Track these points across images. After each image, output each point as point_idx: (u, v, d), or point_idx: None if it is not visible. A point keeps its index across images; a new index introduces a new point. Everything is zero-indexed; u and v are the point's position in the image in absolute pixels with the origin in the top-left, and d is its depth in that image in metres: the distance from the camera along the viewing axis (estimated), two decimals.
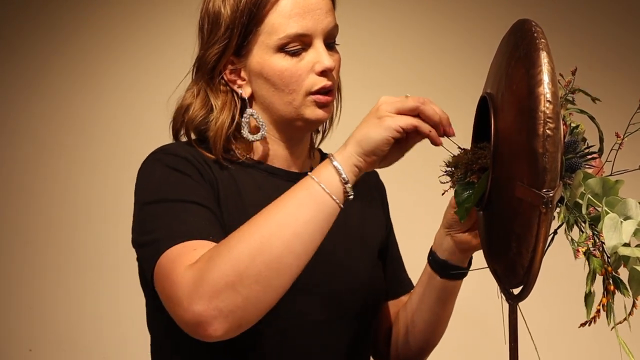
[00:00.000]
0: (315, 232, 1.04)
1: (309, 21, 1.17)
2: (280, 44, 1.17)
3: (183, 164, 1.15)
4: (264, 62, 1.18)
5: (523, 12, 1.85)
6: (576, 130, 1.02)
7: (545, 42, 0.93)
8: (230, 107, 1.22)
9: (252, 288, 0.99)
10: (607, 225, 0.92)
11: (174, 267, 1.03)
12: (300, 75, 1.18)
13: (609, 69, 2.42)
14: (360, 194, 1.37)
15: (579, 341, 2.32)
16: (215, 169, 1.19)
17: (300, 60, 1.18)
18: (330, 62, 1.18)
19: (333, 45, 1.23)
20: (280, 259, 1.00)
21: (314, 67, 1.18)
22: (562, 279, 1.89)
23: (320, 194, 1.04)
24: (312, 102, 1.19)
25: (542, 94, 0.90)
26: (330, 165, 1.05)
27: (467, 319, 2.24)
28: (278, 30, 1.16)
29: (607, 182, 0.95)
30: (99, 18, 2.39)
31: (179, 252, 1.04)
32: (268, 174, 1.24)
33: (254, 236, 1.00)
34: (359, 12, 2.38)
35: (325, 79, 1.19)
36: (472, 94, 1.31)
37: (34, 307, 2.31)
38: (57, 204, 2.35)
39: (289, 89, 1.18)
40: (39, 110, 2.37)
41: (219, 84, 1.22)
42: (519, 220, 0.95)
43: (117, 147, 2.35)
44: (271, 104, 1.21)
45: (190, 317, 0.99)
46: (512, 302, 1.04)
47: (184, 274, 1.00)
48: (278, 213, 1.03)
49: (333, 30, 1.21)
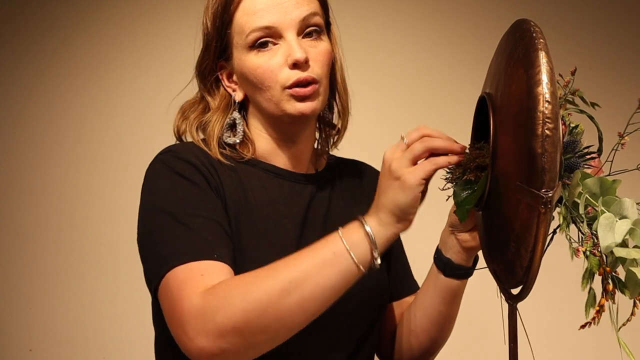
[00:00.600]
0: (333, 296, 1.04)
1: (273, 15, 1.15)
2: (249, 41, 1.16)
3: (191, 171, 1.15)
4: (242, 63, 1.19)
5: (522, 12, 1.85)
6: (575, 130, 1.02)
7: (544, 42, 0.93)
8: (224, 109, 1.24)
9: (257, 337, 1.01)
10: (602, 224, 0.92)
11: (181, 293, 1.03)
12: (272, 71, 1.16)
13: (609, 69, 2.42)
14: (367, 196, 1.37)
15: (579, 341, 2.32)
16: (221, 170, 1.19)
17: (273, 55, 1.16)
18: (301, 53, 1.15)
19: (314, 34, 1.19)
20: (292, 316, 1.01)
21: (287, 61, 1.16)
22: (561, 279, 1.89)
23: (345, 260, 1.03)
24: (289, 95, 1.17)
25: (540, 94, 0.90)
26: (362, 230, 1.05)
27: (467, 319, 2.23)
28: (244, 28, 1.16)
29: (605, 182, 0.95)
30: (98, 18, 2.39)
31: (187, 275, 1.04)
32: (273, 174, 1.24)
33: (272, 288, 1.00)
34: (359, 12, 2.38)
35: (299, 71, 1.16)
36: (471, 94, 1.31)
37: (34, 307, 2.31)
38: (57, 204, 2.35)
39: (264, 86, 1.17)
40: (38, 110, 2.37)
41: (217, 89, 1.24)
42: (518, 220, 0.95)
43: (116, 147, 2.35)
44: (258, 103, 1.21)
45: (192, 348, 1.01)
46: (512, 302, 1.04)
47: (193, 303, 1.01)
48: (299, 270, 1.02)
49: (308, 19, 1.17)
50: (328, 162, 1.35)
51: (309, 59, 1.17)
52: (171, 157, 1.18)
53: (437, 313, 1.31)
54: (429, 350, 1.36)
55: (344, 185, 1.34)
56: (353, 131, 2.40)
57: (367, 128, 2.36)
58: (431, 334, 1.33)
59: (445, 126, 2.56)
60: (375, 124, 2.37)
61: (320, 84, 1.19)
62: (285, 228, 1.21)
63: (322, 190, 1.29)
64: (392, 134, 2.38)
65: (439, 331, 1.33)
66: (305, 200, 1.25)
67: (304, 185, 1.27)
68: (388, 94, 2.40)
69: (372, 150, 2.35)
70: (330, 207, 1.28)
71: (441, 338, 1.35)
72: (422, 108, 2.41)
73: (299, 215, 1.23)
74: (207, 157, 1.19)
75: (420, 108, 2.41)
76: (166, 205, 1.12)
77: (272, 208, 1.21)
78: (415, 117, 2.40)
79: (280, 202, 1.23)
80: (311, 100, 1.18)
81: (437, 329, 1.33)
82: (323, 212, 1.27)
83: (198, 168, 1.16)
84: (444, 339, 1.36)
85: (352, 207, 1.32)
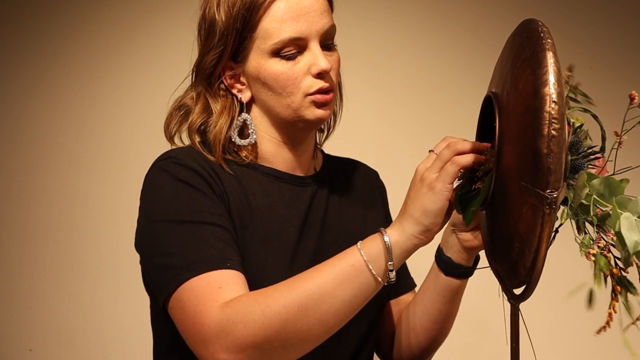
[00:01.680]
0: (353, 310, 1.05)
1: (302, 24, 1.16)
2: (275, 49, 1.16)
3: (193, 177, 1.14)
4: (261, 67, 1.18)
5: (522, 12, 1.85)
6: (579, 130, 1.02)
7: (552, 43, 0.93)
8: (229, 111, 1.23)
9: (277, 350, 1.02)
10: (624, 225, 0.92)
11: (200, 307, 1.03)
12: (296, 78, 1.17)
13: (609, 69, 2.42)
14: (362, 195, 1.37)
15: (581, 341, 2.32)
16: (223, 175, 1.19)
17: (296, 63, 1.17)
18: (326, 64, 1.17)
19: (331, 45, 1.22)
20: (311, 330, 1.02)
21: (310, 69, 1.17)
22: (563, 279, 1.89)
23: (364, 274, 1.04)
24: (311, 102, 1.18)
25: (547, 95, 0.90)
26: (382, 243, 1.05)
27: (469, 318, 2.23)
28: (272, 35, 1.16)
29: (612, 182, 0.95)
30: (98, 18, 2.38)
31: (204, 289, 1.04)
32: (274, 178, 1.24)
33: (290, 303, 1.01)
34: (361, 13, 2.38)
35: (322, 80, 1.18)
36: (472, 94, 1.31)
37: (34, 307, 2.30)
38: (57, 204, 2.35)
39: (286, 92, 1.18)
40: (38, 110, 2.36)
41: (218, 89, 1.23)
42: (522, 220, 0.95)
43: (116, 147, 2.35)
44: (271, 107, 1.21)
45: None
46: (514, 302, 1.04)
47: (213, 317, 1.01)
48: (319, 284, 1.03)
49: (329, 31, 1.20)
50: (324, 162, 1.36)
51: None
52: (171, 163, 1.16)
53: (436, 312, 1.31)
54: (428, 348, 1.36)
55: (340, 185, 1.35)
56: (353, 131, 2.40)
57: (367, 128, 2.36)
58: (430, 333, 1.33)
59: (445, 126, 2.57)
60: (375, 124, 2.37)
61: (335, 93, 1.23)
62: (287, 232, 1.21)
63: (321, 191, 1.29)
64: (392, 134, 2.40)
65: (438, 330, 1.33)
66: (305, 203, 1.25)
67: (304, 188, 1.27)
68: (388, 94, 2.40)
69: (372, 150, 2.35)
70: (328, 208, 1.28)
71: (440, 336, 1.36)
72: (422, 108, 2.41)
73: (300, 219, 1.23)
74: (207, 162, 1.18)
75: (421, 108, 2.41)
76: (171, 214, 1.11)
77: (273, 212, 1.21)
78: (415, 117, 2.40)
79: (281, 206, 1.22)
80: (328, 107, 1.21)
81: (437, 327, 1.33)
82: (322, 213, 1.27)
83: (200, 174, 1.15)
84: (443, 337, 1.37)
85: (348, 207, 1.32)
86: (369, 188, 1.40)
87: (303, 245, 1.21)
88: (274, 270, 1.16)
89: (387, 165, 2.56)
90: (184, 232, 1.09)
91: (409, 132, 2.37)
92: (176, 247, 1.08)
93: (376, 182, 1.45)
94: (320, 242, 1.23)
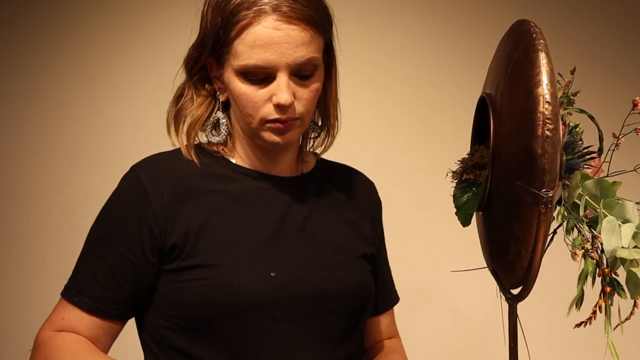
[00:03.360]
0: None
1: (271, 54, 1.12)
2: (241, 70, 1.15)
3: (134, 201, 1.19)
4: (229, 80, 1.17)
5: (522, 12, 1.85)
6: (575, 130, 1.02)
7: (544, 43, 0.93)
8: (208, 104, 1.23)
9: None
10: (606, 228, 0.92)
11: (48, 318, 1.22)
12: (256, 102, 1.15)
13: (609, 69, 2.42)
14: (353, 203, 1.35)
15: (579, 341, 2.32)
16: (191, 180, 1.19)
17: (260, 88, 1.15)
18: (286, 98, 1.13)
19: (309, 75, 1.17)
20: None
21: (272, 99, 1.15)
22: (562, 279, 1.89)
23: None
24: (268, 128, 1.17)
25: (540, 95, 0.90)
26: None
27: (467, 319, 2.23)
28: (240, 57, 1.14)
29: (605, 184, 0.95)
30: (99, 18, 2.39)
31: (57, 310, 1.21)
32: (251, 178, 1.23)
33: None
34: (361, 13, 2.38)
35: (281, 111, 1.15)
36: (472, 94, 1.31)
37: (34, 307, 2.30)
38: (57, 204, 2.35)
39: (245, 112, 1.17)
40: (38, 110, 2.36)
41: (203, 82, 1.24)
42: (519, 220, 0.95)
43: (116, 147, 2.35)
44: (238, 117, 1.21)
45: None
46: (512, 302, 1.04)
47: (39, 334, 1.21)
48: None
49: (304, 64, 1.15)
50: (315, 165, 1.33)
51: (294, 101, 1.16)
52: (133, 176, 1.21)
53: None
54: None
55: (329, 190, 1.32)
56: (353, 131, 2.40)
57: (367, 128, 2.36)
58: None
59: (445, 126, 2.58)
60: (375, 124, 2.37)
61: (302, 120, 1.19)
62: (258, 233, 1.19)
63: (305, 194, 1.27)
64: (392, 134, 2.40)
65: None
66: (283, 204, 1.23)
67: (283, 189, 1.25)
68: (388, 94, 2.40)
69: (372, 151, 2.36)
70: (311, 211, 1.26)
71: None
72: (422, 108, 2.40)
73: (275, 220, 1.21)
74: (177, 171, 1.20)
75: (421, 108, 2.40)
76: (94, 231, 1.22)
77: (246, 212, 1.20)
78: (415, 117, 2.40)
79: (255, 206, 1.21)
80: (289, 132, 1.18)
81: None
82: (303, 216, 1.25)
83: (148, 195, 1.17)
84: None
85: (335, 212, 1.30)
86: (362, 197, 1.37)
87: (274, 246, 1.19)
88: (244, 271, 1.15)
89: (387, 165, 2.57)
90: (89, 255, 1.20)
91: (409, 132, 2.36)
92: (79, 263, 1.22)
93: (372, 191, 1.41)
94: (295, 245, 1.21)
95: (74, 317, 1.19)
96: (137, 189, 1.20)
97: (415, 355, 2.29)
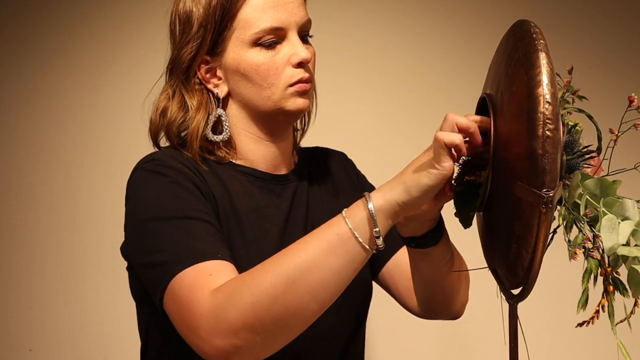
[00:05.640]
0: (343, 281, 1.00)
1: (282, 14, 1.17)
2: (255, 39, 1.17)
3: (177, 176, 1.13)
4: (240, 58, 1.18)
5: (522, 12, 1.85)
6: (574, 130, 1.02)
7: (544, 43, 0.93)
8: (206, 106, 1.22)
9: (270, 330, 0.98)
10: (605, 226, 0.92)
11: (192, 296, 1.01)
12: (277, 69, 1.17)
13: (609, 69, 2.42)
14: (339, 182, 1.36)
15: (579, 341, 2.32)
16: (207, 176, 1.18)
17: (277, 53, 1.18)
18: (306, 53, 1.18)
19: (307, 38, 1.22)
20: (302, 304, 0.98)
21: (291, 59, 1.18)
22: (562, 279, 1.89)
23: (351, 242, 1.00)
24: (292, 92, 1.18)
25: (541, 95, 0.90)
26: (366, 210, 1.01)
27: (467, 319, 2.23)
28: (252, 25, 1.16)
29: (605, 183, 0.95)
30: (99, 18, 2.38)
31: (194, 278, 1.02)
32: (254, 178, 1.23)
33: (277, 278, 0.97)
34: (359, 12, 2.38)
35: (302, 70, 1.18)
36: (472, 94, 1.31)
37: (34, 307, 2.30)
38: (57, 204, 2.35)
39: (267, 83, 1.18)
40: (38, 110, 2.36)
41: (194, 84, 1.22)
42: (519, 220, 0.95)
43: (116, 147, 2.35)
44: (250, 100, 1.20)
45: (209, 349, 0.99)
46: (512, 302, 1.04)
47: (204, 304, 0.99)
48: (305, 256, 0.99)
49: (307, 24, 1.21)
50: (298, 155, 1.35)
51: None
52: (155, 164, 1.16)
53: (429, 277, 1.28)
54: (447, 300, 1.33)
55: (317, 176, 1.34)
56: (353, 131, 2.40)
57: (367, 128, 2.36)
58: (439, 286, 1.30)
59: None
60: (375, 124, 2.37)
61: (313, 84, 1.24)
62: (271, 232, 1.20)
63: (301, 186, 1.29)
64: (392, 134, 2.39)
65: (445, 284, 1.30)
66: (287, 201, 1.25)
67: (285, 186, 1.26)
68: (388, 94, 2.39)
69: (372, 150, 2.35)
70: (309, 203, 1.28)
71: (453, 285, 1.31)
72: (422, 108, 2.40)
73: (282, 218, 1.23)
74: (191, 163, 1.18)
75: (421, 108, 2.40)
76: (158, 212, 1.10)
77: (256, 213, 1.21)
78: (415, 117, 2.40)
79: (263, 207, 1.22)
80: (308, 97, 1.21)
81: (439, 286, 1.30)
82: (304, 209, 1.26)
83: (185, 173, 1.14)
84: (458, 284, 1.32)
85: (329, 197, 1.31)
86: (343, 172, 1.39)
87: (289, 241, 1.20)
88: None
89: (386, 165, 2.56)
90: (172, 228, 1.07)
91: (409, 132, 2.36)
92: (165, 243, 1.07)
93: (347, 163, 1.43)
94: None
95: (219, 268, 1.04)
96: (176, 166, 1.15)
97: (415, 355, 2.29)
